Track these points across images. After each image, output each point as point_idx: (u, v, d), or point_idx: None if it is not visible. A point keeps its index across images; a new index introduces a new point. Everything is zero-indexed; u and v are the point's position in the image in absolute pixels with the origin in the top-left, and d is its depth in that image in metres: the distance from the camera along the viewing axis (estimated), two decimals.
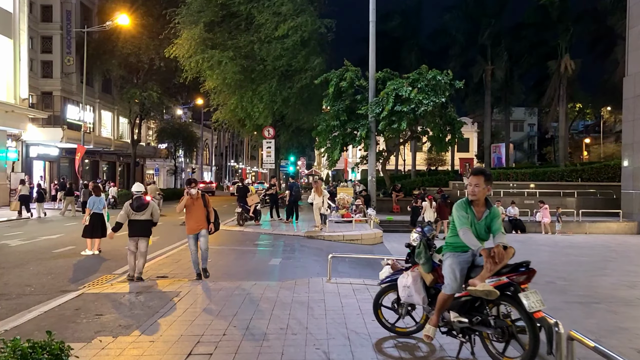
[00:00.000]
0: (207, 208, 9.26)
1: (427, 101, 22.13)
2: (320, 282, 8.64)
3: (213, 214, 9.37)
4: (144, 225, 8.98)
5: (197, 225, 9.18)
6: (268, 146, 28.75)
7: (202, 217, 9.22)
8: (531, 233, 21.57)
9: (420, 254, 5.03)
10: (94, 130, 39.43)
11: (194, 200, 9.15)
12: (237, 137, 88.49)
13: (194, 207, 9.15)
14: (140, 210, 8.92)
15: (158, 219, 9.35)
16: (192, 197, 9.12)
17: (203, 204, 9.22)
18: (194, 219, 9.18)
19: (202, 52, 27.46)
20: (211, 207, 9.34)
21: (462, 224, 4.62)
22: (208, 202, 9.31)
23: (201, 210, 9.20)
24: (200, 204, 9.20)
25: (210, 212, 9.31)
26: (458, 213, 4.69)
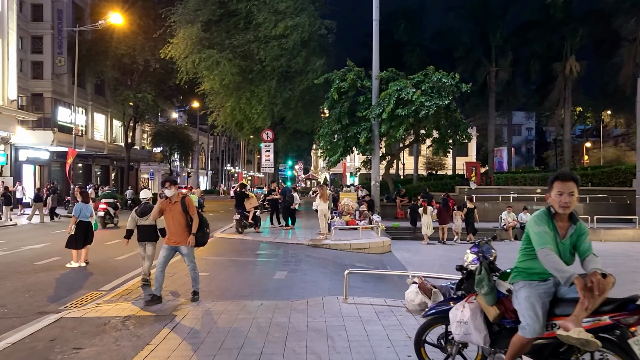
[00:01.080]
0: (189, 215, 7.51)
1: (429, 103, 21.14)
2: (336, 302, 7.57)
3: (196, 223, 7.53)
4: (148, 230, 9.29)
5: (175, 237, 7.48)
6: (267, 150, 27.75)
7: (181, 228, 7.44)
8: None
9: (481, 281, 3.96)
10: (87, 133, 38.27)
11: (171, 205, 7.46)
12: (234, 142, 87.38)
13: (171, 213, 7.46)
14: (143, 216, 9.27)
15: (162, 224, 9.07)
16: (170, 200, 7.48)
17: (182, 209, 7.45)
18: (170, 229, 7.54)
19: (199, 52, 26.48)
20: (194, 213, 7.55)
21: (544, 242, 3.55)
22: (189, 206, 7.49)
23: (180, 217, 7.45)
24: (178, 209, 7.44)
25: (194, 220, 7.52)
26: (538, 228, 3.63)
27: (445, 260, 15.19)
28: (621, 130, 75.54)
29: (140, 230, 9.33)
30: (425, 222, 19.54)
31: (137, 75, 38.08)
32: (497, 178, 28.36)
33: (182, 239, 7.46)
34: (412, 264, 14.16)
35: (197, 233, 7.52)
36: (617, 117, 64.75)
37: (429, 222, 19.56)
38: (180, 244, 7.48)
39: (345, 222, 19.35)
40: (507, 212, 20.83)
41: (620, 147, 68.22)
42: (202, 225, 7.65)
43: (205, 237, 7.80)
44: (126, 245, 9.30)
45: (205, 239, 7.82)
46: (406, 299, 7.00)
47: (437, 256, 16.00)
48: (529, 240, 3.74)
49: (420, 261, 14.87)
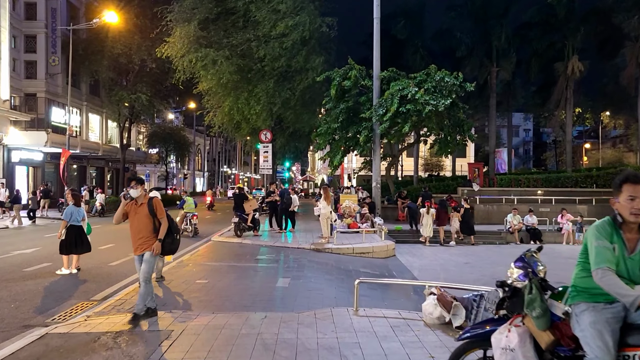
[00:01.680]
0: (156, 218, 6.72)
1: (434, 102, 20.63)
2: (346, 314, 7.00)
3: (165, 227, 6.71)
4: None
5: (139, 243, 6.68)
6: (265, 150, 27.15)
7: (149, 233, 6.65)
8: (550, 243, 20.04)
9: (533, 302, 3.38)
10: (81, 134, 37.64)
11: (137, 207, 6.67)
12: (230, 143, 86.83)
13: (137, 216, 6.66)
14: None
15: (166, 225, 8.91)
16: (136, 202, 6.69)
17: (149, 212, 6.64)
18: (136, 234, 6.70)
19: (196, 51, 25.89)
20: (163, 216, 6.76)
21: (601, 261, 3.01)
22: (157, 208, 6.70)
23: (146, 221, 6.65)
24: (145, 212, 6.64)
25: (163, 224, 6.72)
26: (597, 242, 3.07)
27: (453, 265, 14.65)
28: (619, 132, 75.37)
29: None
30: (426, 222, 19.31)
31: (133, 75, 37.47)
32: (500, 179, 27.87)
33: (148, 245, 6.65)
34: (418, 268, 13.63)
35: (165, 239, 6.72)
36: (616, 118, 64.52)
37: (430, 223, 19.35)
38: (144, 250, 6.66)
39: (347, 225, 18.77)
40: (513, 214, 20.33)
41: (618, 149, 67.98)
42: (171, 231, 6.85)
43: (175, 244, 7.04)
44: None
45: (175, 246, 7.06)
46: (424, 311, 6.44)
47: (443, 260, 15.45)
48: (587, 254, 3.18)
49: (426, 266, 14.33)
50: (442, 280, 12.11)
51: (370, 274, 12.20)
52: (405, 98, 21.31)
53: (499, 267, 14.38)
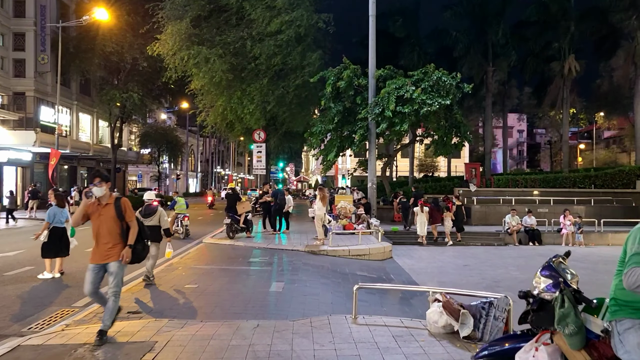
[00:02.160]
0: (125, 221, 5.87)
1: (431, 101, 20.22)
2: (345, 322, 6.54)
3: (134, 231, 5.89)
4: (153, 231, 9.13)
5: (104, 250, 5.74)
6: (258, 150, 26.63)
7: (114, 238, 5.76)
8: (549, 244, 19.67)
9: (566, 317, 2.94)
10: (71, 134, 37.01)
11: (100, 208, 5.77)
12: (224, 143, 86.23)
13: (101, 219, 5.76)
14: (148, 217, 9.41)
15: (166, 225, 9.71)
16: (99, 202, 5.78)
17: (116, 214, 5.80)
18: (100, 240, 5.78)
19: (188, 48, 25.34)
20: (133, 219, 5.93)
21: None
22: (126, 210, 5.85)
23: (112, 224, 5.77)
24: (111, 214, 5.77)
25: (132, 228, 5.89)
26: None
27: (452, 267, 14.23)
28: (612, 133, 75.43)
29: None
30: (421, 221, 19.25)
31: (124, 74, 36.91)
32: (497, 180, 27.50)
33: (114, 252, 5.74)
34: (416, 271, 13.18)
35: (135, 245, 5.89)
36: (610, 119, 64.48)
37: (424, 222, 19.30)
38: (110, 259, 5.73)
39: (342, 226, 18.34)
40: (511, 215, 19.94)
41: (612, 149, 67.99)
42: (141, 236, 6.08)
43: (146, 251, 6.25)
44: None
45: (145, 253, 6.27)
46: (428, 319, 5.99)
47: (442, 263, 15.01)
48: (623, 261, 2.74)
49: (424, 268, 13.89)
50: (442, 284, 11.69)
51: (367, 277, 11.77)
52: (402, 97, 20.90)
53: (500, 269, 13.99)
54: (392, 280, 11.74)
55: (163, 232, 9.64)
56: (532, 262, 15.30)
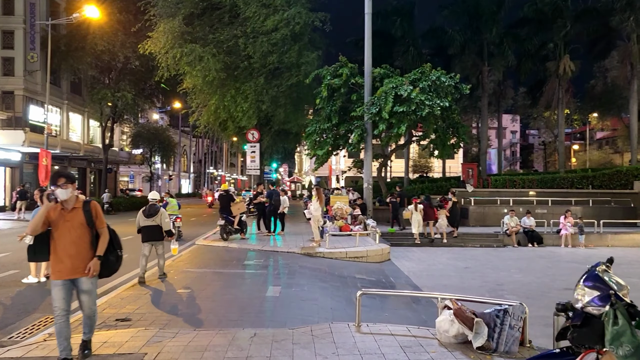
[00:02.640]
0: (95, 228, 5.04)
1: (430, 102, 19.83)
2: (348, 330, 6.14)
3: (105, 240, 5.10)
4: (155, 231, 9.60)
5: (73, 263, 4.87)
6: (252, 150, 26.21)
7: (83, 249, 4.93)
8: (549, 246, 19.36)
9: (620, 336, 2.55)
10: (61, 133, 36.42)
11: (65, 213, 4.90)
12: (216, 143, 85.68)
13: (67, 226, 4.88)
14: (150, 217, 9.59)
15: (167, 226, 9.77)
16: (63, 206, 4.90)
17: (85, 220, 4.96)
18: (65, 251, 4.87)
19: (181, 46, 24.85)
20: (104, 226, 5.12)
21: None
22: (97, 215, 5.06)
23: (81, 232, 4.93)
24: (79, 220, 4.93)
25: (103, 236, 5.09)
26: None
27: (452, 269, 13.86)
28: (604, 134, 75.54)
29: (146, 231, 9.65)
30: (416, 219, 19.05)
31: (116, 73, 36.33)
32: (494, 180, 27.20)
33: (84, 266, 4.90)
34: (416, 274, 12.80)
35: (107, 256, 5.10)
36: (604, 120, 64.53)
37: (420, 220, 19.08)
38: (78, 274, 4.89)
39: (339, 228, 17.95)
40: (510, 216, 19.60)
41: (604, 150, 68.10)
42: (113, 246, 5.21)
43: (119, 262, 5.35)
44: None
45: (118, 265, 5.35)
46: (438, 328, 5.60)
47: (442, 265, 14.65)
48: None
49: (424, 271, 13.51)
50: (445, 287, 11.31)
51: (366, 280, 11.39)
52: (399, 96, 20.51)
53: (501, 272, 13.64)
54: (392, 284, 11.36)
55: (165, 232, 9.78)
56: (533, 265, 15.00)
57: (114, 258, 5.25)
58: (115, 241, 5.29)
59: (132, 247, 15.36)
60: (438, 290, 10.94)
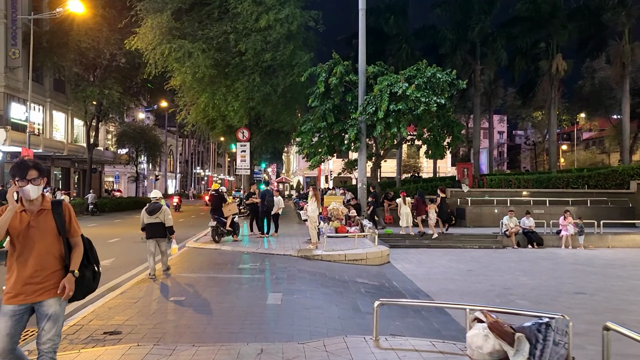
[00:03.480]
0: (66, 235, 3.92)
1: (426, 99, 19.30)
2: (365, 345, 5.53)
3: (80, 253, 3.97)
4: (158, 228, 9.91)
5: (35, 281, 3.74)
6: (242, 150, 25.57)
7: (51, 262, 3.81)
8: (549, 247, 18.92)
9: None
10: (44, 132, 35.39)
11: (33, 216, 3.82)
12: (203, 143, 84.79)
13: (31, 233, 3.79)
14: (153, 214, 9.87)
15: (170, 223, 10.03)
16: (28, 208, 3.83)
17: (56, 226, 3.86)
18: (31, 266, 3.75)
19: (169, 42, 24.11)
20: (78, 234, 4.01)
21: None
22: (70, 220, 3.95)
23: (50, 241, 3.82)
24: (48, 226, 3.84)
25: (78, 247, 3.98)
26: None
27: (456, 272, 13.32)
28: (591, 134, 75.94)
29: (149, 228, 9.92)
30: (404, 212, 19.48)
31: (101, 70, 35.38)
32: (489, 180, 26.75)
33: (52, 284, 3.76)
34: (419, 278, 12.22)
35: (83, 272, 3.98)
36: (592, 120, 64.81)
37: (408, 213, 19.48)
38: (46, 294, 3.75)
39: (334, 229, 17.33)
40: (509, 216, 19.12)
41: (592, 150, 68.44)
42: (89, 258, 4.08)
43: (97, 280, 4.19)
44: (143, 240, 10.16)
45: (96, 284, 4.19)
46: (469, 344, 5.00)
47: (443, 267, 14.11)
48: None
49: (427, 274, 12.95)
50: (450, 291, 10.79)
51: (368, 284, 10.81)
52: (395, 94, 19.98)
53: (506, 275, 13.12)
54: (395, 288, 10.78)
55: (167, 229, 10.03)
56: (536, 267, 14.52)
57: (90, 274, 4.07)
58: (91, 253, 4.12)
59: (120, 249, 14.67)
60: (445, 295, 10.43)
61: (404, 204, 19.62)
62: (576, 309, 9.03)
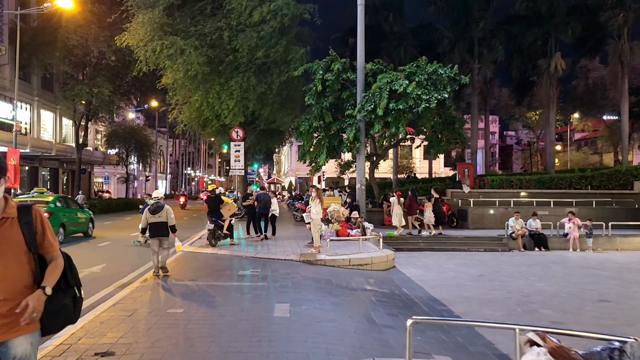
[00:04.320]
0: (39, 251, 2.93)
1: (427, 97, 18.67)
2: None
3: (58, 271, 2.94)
4: (161, 227, 10.09)
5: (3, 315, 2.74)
6: (237, 149, 24.85)
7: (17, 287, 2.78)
8: (556, 250, 18.31)
9: None
10: (31, 131, 34.42)
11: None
12: (194, 143, 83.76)
13: None
14: (155, 213, 10.07)
15: (173, 222, 10.29)
16: None
17: (24, 239, 2.86)
18: None
19: (161, 38, 23.30)
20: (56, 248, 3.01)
21: None
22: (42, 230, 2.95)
23: (14, 259, 2.81)
24: (13, 238, 2.83)
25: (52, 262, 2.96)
26: None
27: (467, 278, 12.68)
28: (582, 135, 75.79)
29: (152, 227, 10.10)
30: (396, 212, 19.54)
31: (90, 68, 34.42)
32: (490, 180, 26.18)
33: (18, 318, 2.72)
34: (429, 284, 11.55)
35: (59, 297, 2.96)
36: (586, 121, 64.57)
37: (401, 213, 19.47)
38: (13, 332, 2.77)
39: (335, 231, 16.62)
40: (515, 218, 18.52)
41: (584, 151, 68.35)
42: (68, 281, 3.07)
43: (79, 306, 3.15)
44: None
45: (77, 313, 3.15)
46: None
47: (453, 272, 13.46)
48: None
49: (436, 280, 12.29)
50: (466, 299, 10.13)
51: (378, 292, 10.13)
52: (395, 92, 19.32)
53: (520, 280, 12.46)
54: (407, 297, 10.11)
55: (169, 228, 10.23)
56: (549, 272, 13.88)
57: (70, 302, 3.05)
58: (71, 274, 3.09)
59: (111, 254, 13.79)
60: (461, 304, 9.74)
61: (397, 204, 19.60)
62: (607, 320, 8.41)
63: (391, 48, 31.66)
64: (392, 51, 31.70)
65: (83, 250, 14.93)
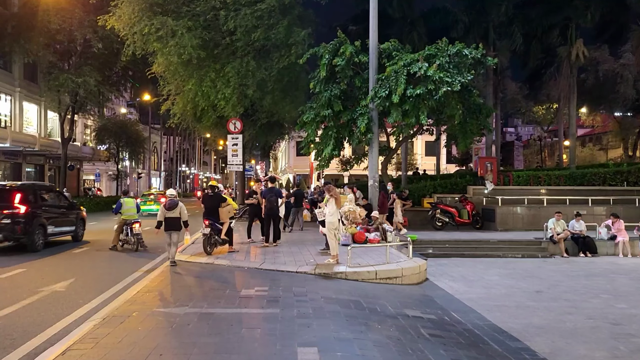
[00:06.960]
0: None
1: (450, 79, 16.29)
2: None
3: None
4: (174, 222, 10.80)
5: None
6: (234, 143, 22.57)
7: None
8: (603, 255, 15.98)
9: None
10: (13, 125, 31.92)
11: None
12: (188, 139, 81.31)
13: None
14: (171, 209, 10.75)
15: (185, 217, 10.95)
16: None
17: None
18: None
19: (150, 19, 20.88)
20: None
21: None
22: None
23: None
24: None
25: None
26: None
27: (523, 295, 10.32)
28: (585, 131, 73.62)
29: (167, 222, 10.73)
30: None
31: (76, 57, 31.91)
32: (516, 176, 23.78)
33: None
34: (480, 303, 9.23)
35: None
36: (594, 115, 62.36)
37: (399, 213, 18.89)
38: None
39: (351, 236, 14.22)
40: (556, 219, 16.18)
41: (589, 147, 66.51)
42: None
43: None
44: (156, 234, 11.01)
45: None
46: None
47: (501, 285, 11.10)
48: None
49: (485, 297, 9.97)
50: (544, 331, 7.72)
51: (425, 319, 7.77)
52: (413, 75, 16.92)
53: (593, 299, 9.93)
54: (462, 324, 7.73)
55: (182, 223, 10.87)
56: (618, 285, 11.44)
57: None
58: None
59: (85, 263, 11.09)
60: (539, 337, 7.31)
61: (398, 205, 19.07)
62: None
63: (403, 34, 29.13)
64: (404, 38, 29.18)
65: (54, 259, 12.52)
